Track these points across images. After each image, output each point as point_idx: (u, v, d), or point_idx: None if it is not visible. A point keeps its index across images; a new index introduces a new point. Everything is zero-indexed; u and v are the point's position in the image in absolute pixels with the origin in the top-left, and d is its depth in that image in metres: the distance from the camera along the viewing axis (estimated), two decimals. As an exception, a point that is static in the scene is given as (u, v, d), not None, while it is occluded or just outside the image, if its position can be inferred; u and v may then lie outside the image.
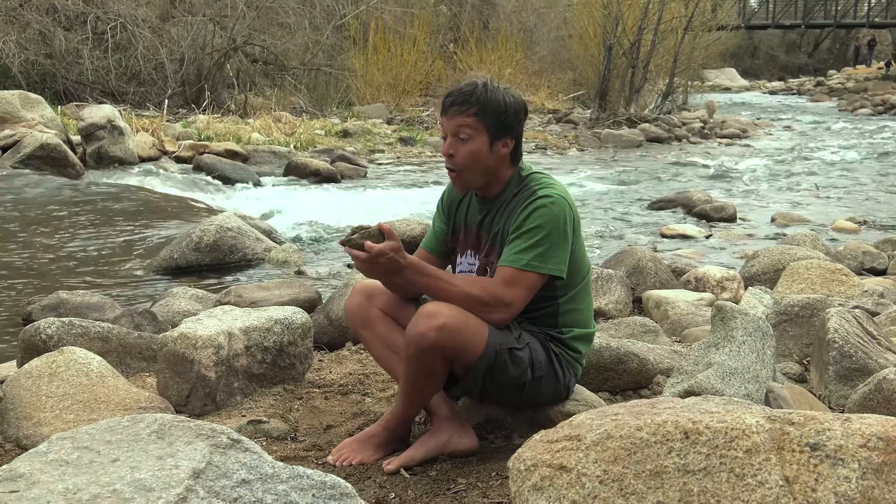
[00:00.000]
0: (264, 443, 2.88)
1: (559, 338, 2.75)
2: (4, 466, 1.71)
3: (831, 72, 43.14)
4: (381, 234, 2.54)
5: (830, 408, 3.13)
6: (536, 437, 1.81)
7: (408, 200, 10.26)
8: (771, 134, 20.55)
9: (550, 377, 2.72)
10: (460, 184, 2.79)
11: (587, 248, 2.98)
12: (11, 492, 1.60)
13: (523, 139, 2.88)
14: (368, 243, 2.50)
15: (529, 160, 16.35)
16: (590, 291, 2.85)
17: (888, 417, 1.68)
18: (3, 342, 4.68)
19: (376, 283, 2.94)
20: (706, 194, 10.69)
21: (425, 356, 2.56)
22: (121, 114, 12.20)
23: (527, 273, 2.62)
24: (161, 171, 11.06)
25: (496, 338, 2.59)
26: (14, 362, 3.60)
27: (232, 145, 12.52)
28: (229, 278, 6.24)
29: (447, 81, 21.08)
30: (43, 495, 1.58)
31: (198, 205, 9.03)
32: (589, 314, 2.85)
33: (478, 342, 2.57)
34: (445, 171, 2.83)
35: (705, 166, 14.60)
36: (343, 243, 2.57)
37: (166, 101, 16.01)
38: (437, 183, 11.52)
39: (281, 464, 1.76)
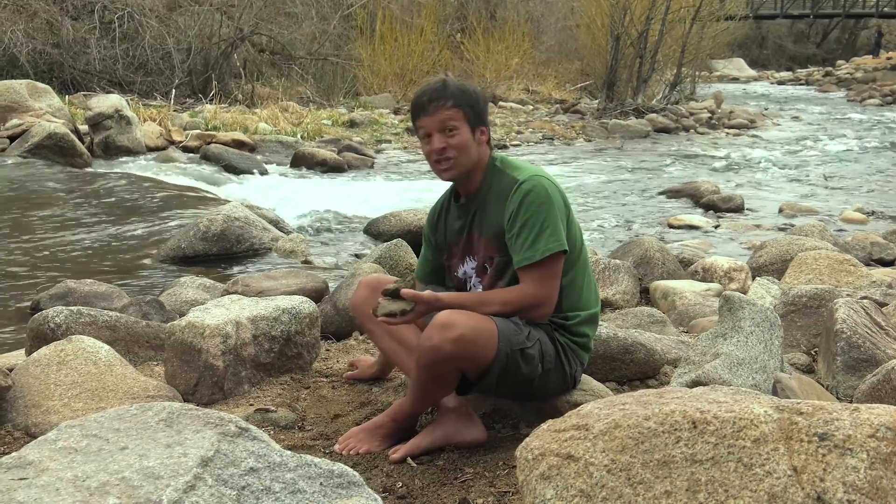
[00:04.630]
0: (272, 432, 2.89)
1: (565, 325, 2.75)
2: (14, 454, 1.72)
3: (840, 62, 42.92)
4: (412, 301, 2.61)
5: (838, 398, 3.12)
6: (544, 426, 1.81)
7: (414, 190, 10.25)
8: (779, 124, 20.47)
9: (558, 369, 2.73)
10: (454, 171, 2.76)
11: (596, 238, 2.97)
12: (21, 479, 1.61)
13: (530, 129, 2.87)
14: (402, 311, 2.60)
15: (538, 151, 16.11)
16: (588, 268, 2.85)
17: (897, 407, 1.67)
18: (12, 331, 4.69)
19: (382, 276, 2.98)
20: (714, 185, 10.67)
21: (439, 366, 2.56)
22: (128, 103, 12.20)
23: (547, 260, 2.63)
24: (168, 160, 11.06)
25: (506, 341, 2.59)
26: (23, 351, 3.61)
27: (239, 135, 12.51)
28: (237, 268, 6.24)
29: (454, 71, 21.02)
30: (52, 483, 1.59)
31: (205, 194, 9.03)
32: (590, 291, 2.85)
33: (490, 349, 2.57)
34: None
35: (713, 157, 14.57)
36: (384, 315, 2.64)
37: (173, 90, 16.01)
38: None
39: (289, 452, 1.77)
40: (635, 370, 3.28)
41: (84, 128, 11.31)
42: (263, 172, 11.14)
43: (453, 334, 2.49)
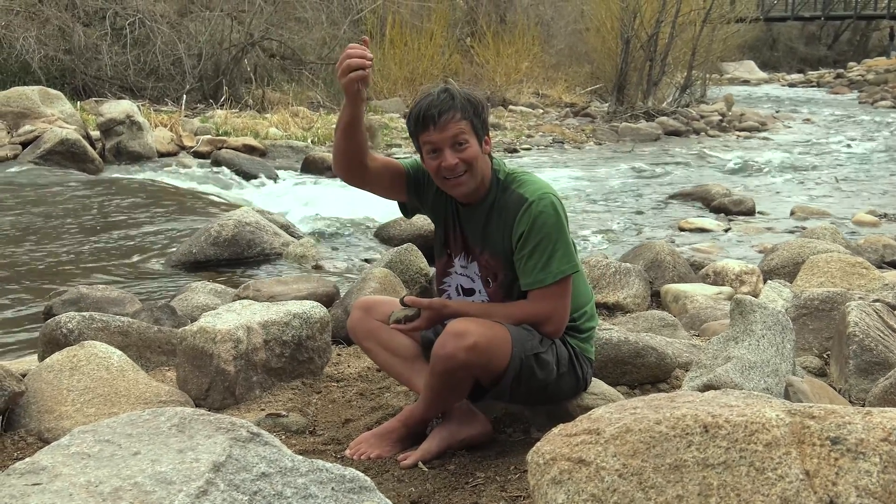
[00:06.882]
0: (283, 436, 2.89)
1: (575, 325, 2.77)
2: (27, 459, 1.72)
3: (851, 64, 42.70)
4: (416, 307, 2.67)
5: (851, 402, 3.11)
6: (555, 430, 1.81)
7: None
8: (790, 127, 20.39)
9: (571, 373, 2.75)
10: (466, 189, 2.71)
11: (606, 242, 2.99)
12: (34, 484, 1.61)
13: (541, 133, 2.87)
14: (412, 320, 2.69)
15: (548, 155, 16.00)
16: (581, 267, 2.86)
17: (910, 411, 1.67)
18: (25, 336, 4.71)
19: (374, 297, 3.08)
20: (725, 188, 10.64)
21: (453, 374, 2.57)
22: (139, 109, 12.25)
23: (559, 283, 2.64)
24: (179, 166, 11.10)
25: (520, 346, 2.60)
26: (35, 356, 3.63)
27: (250, 140, 12.54)
28: (248, 273, 6.25)
29: (464, 75, 21.03)
30: (65, 488, 1.59)
31: (216, 199, 9.06)
32: (585, 285, 2.87)
33: (504, 356, 2.57)
34: None
35: (724, 160, 14.53)
36: (393, 322, 2.72)
37: (184, 96, 16.05)
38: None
39: (300, 457, 1.77)
40: (646, 374, 3.27)
41: (96, 133, 11.37)
42: (274, 177, 11.16)
43: (467, 342, 2.49)
